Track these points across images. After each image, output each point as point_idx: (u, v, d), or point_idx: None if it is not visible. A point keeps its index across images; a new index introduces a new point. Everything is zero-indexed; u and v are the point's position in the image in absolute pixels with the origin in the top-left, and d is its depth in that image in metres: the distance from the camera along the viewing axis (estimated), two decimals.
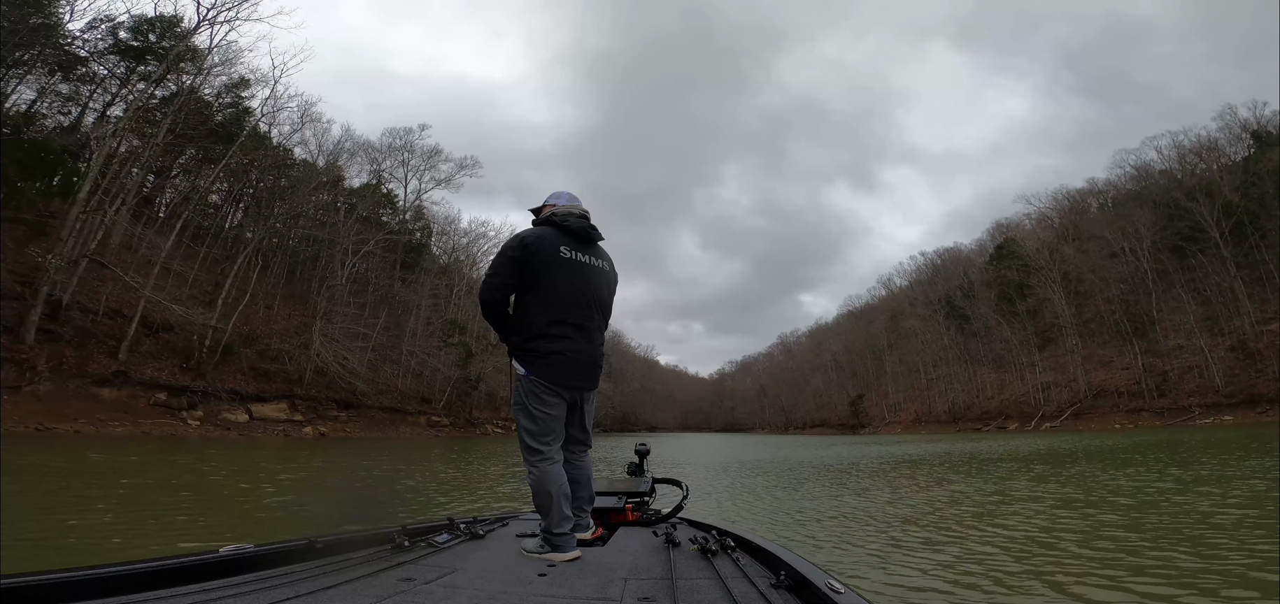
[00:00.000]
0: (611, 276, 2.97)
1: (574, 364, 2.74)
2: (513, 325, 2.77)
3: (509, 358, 2.79)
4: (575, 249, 2.78)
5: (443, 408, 53.15)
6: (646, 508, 3.85)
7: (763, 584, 2.00)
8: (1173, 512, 7.61)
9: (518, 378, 2.73)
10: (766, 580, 2.07)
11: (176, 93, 34.36)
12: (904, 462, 18.80)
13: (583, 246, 2.82)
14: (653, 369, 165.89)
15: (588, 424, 2.97)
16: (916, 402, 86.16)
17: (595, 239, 2.89)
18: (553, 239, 2.75)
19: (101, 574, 1.69)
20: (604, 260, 2.93)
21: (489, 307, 2.78)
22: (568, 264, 2.74)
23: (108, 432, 21.75)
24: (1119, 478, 11.73)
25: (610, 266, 2.97)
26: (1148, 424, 49.28)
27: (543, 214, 2.93)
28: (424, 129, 58.49)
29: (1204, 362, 51.25)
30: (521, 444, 2.75)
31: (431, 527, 2.93)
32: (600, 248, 2.94)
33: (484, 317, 2.84)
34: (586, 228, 2.84)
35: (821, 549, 6.13)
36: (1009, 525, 7.07)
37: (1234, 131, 56.29)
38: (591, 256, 2.85)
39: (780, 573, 2.09)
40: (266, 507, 8.36)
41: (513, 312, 2.79)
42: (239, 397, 32.09)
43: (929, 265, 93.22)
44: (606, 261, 2.95)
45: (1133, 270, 59.15)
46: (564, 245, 2.75)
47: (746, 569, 2.23)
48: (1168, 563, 4.97)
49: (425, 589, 1.97)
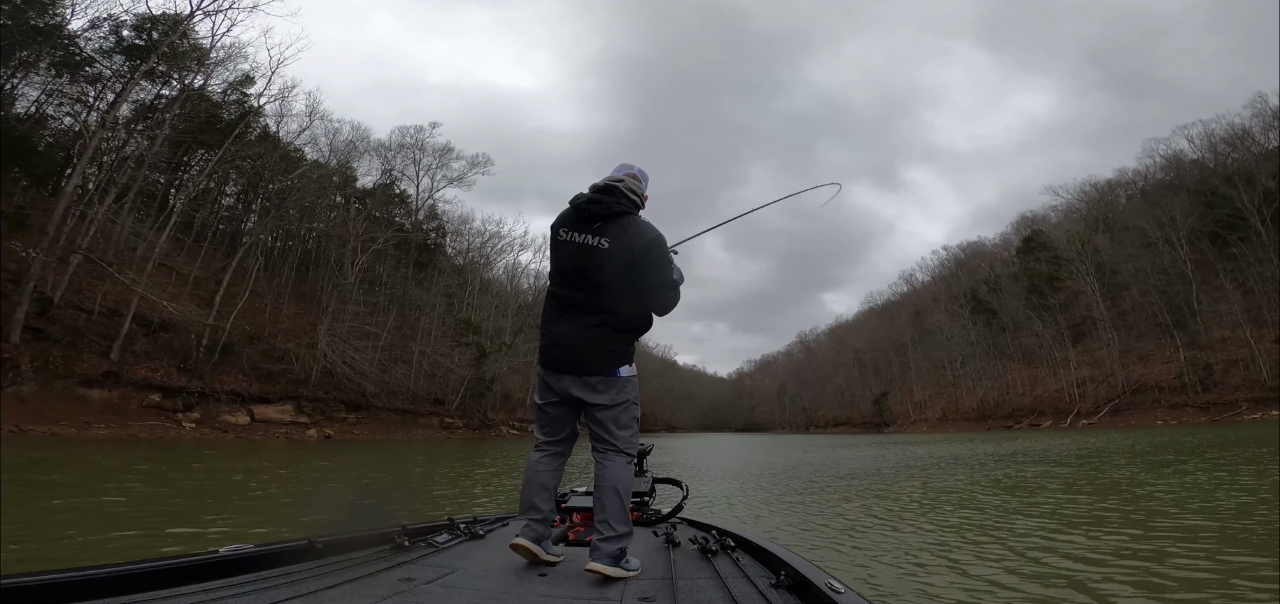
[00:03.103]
0: (615, 254, 2.55)
1: (551, 349, 2.60)
2: None
3: None
4: (572, 230, 2.59)
5: (456, 409, 52.14)
6: (646, 508, 3.79)
7: (763, 584, 2.03)
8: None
9: None
10: (767, 580, 2.09)
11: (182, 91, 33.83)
12: (996, 470, 17.12)
13: (581, 225, 2.58)
14: (671, 369, 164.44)
15: (605, 420, 2.57)
16: (943, 399, 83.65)
17: (595, 216, 2.58)
18: (558, 222, 2.66)
19: (102, 574, 1.70)
20: (608, 237, 2.57)
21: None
22: (563, 246, 2.61)
23: (89, 435, 20.79)
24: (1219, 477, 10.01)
25: (619, 242, 2.55)
26: (1192, 420, 46.76)
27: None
28: (435, 127, 57.74)
29: (1249, 354, 48.66)
30: None
31: (431, 527, 2.99)
32: (613, 224, 2.57)
33: None
34: (587, 203, 2.59)
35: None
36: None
37: (1267, 120, 54.13)
38: (589, 236, 2.57)
39: (780, 573, 2.10)
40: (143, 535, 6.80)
41: None
42: (240, 398, 31.17)
43: (952, 260, 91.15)
44: (612, 238, 2.56)
45: (1170, 261, 56.65)
46: (564, 227, 2.62)
47: (747, 569, 2.26)
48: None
49: (425, 589, 2.00)
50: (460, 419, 51.55)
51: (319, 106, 44.34)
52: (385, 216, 51.83)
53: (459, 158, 57.22)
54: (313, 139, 46.72)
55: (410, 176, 56.72)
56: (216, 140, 35.02)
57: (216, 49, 34.45)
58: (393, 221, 52.74)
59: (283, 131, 44.03)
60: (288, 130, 44.10)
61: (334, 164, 49.14)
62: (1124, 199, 67.63)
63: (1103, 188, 70.45)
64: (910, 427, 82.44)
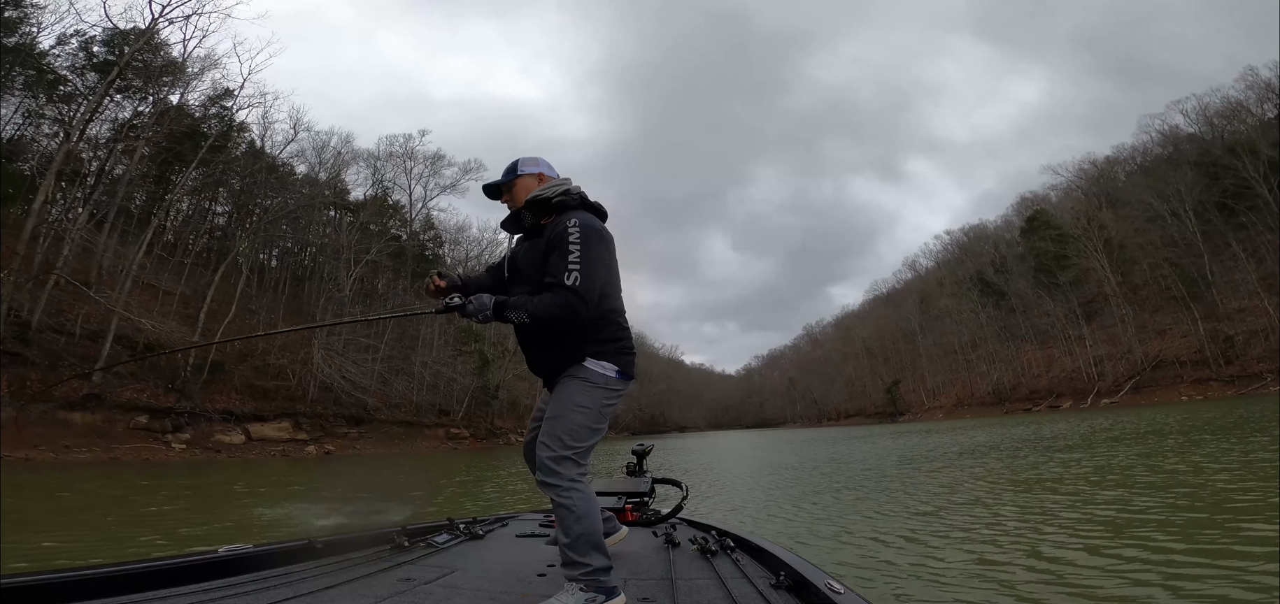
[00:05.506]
0: (539, 248, 2.30)
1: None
2: None
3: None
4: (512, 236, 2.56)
5: (462, 419, 51.06)
6: (646, 508, 3.77)
7: (762, 584, 2.04)
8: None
9: None
10: (766, 581, 2.10)
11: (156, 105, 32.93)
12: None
13: (513, 227, 2.51)
14: (679, 369, 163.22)
15: (553, 411, 2.26)
16: (957, 384, 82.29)
17: (519, 224, 2.45)
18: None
19: (102, 574, 1.71)
20: (536, 236, 2.36)
21: None
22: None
23: (69, 459, 19.77)
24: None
25: (546, 238, 2.27)
26: (1218, 394, 45.34)
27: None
28: (424, 135, 56.97)
29: (1270, 324, 47.24)
30: None
31: (431, 527, 3.01)
32: (547, 223, 2.33)
33: None
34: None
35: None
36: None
37: (1261, 91, 53.42)
38: (522, 238, 2.47)
39: (780, 573, 2.10)
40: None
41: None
42: (234, 417, 30.10)
43: (955, 244, 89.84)
44: (539, 235, 2.33)
45: (1178, 233, 55.52)
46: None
47: (746, 569, 2.27)
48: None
49: (425, 589, 2.01)
50: (466, 429, 50.44)
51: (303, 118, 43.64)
52: (379, 228, 50.83)
53: (451, 165, 56.22)
54: (300, 151, 45.90)
55: (402, 186, 55.79)
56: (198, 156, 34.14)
57: (190, 61, 33.61)
58: (387, 232, 51.75)
59: (268, 144, 43.31)
60: (273, 143, 43.36)
61: (323, 178, 48.22)
62: (1123, 176, 66.89)
63: (1101, 165, 69.64)
64: (925, 414, 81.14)
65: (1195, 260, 54.37)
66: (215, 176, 38.20)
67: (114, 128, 32.55)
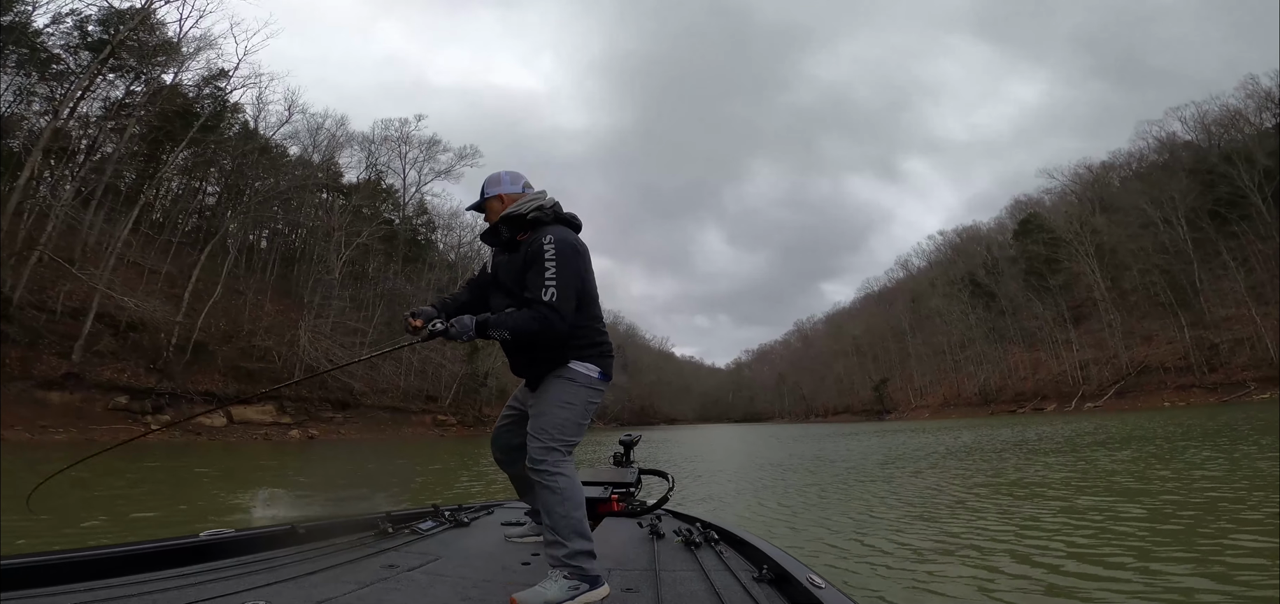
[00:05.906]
0: (516, 262, 2.44)
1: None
2: None
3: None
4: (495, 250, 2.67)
5: (449, 406, 50.90)
6: (632, 499, 3.72)
7: (745, 577, 2.06)
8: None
9: None
10: (749, 573, 2.11)
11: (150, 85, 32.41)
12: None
13: (493, 241, 2.65)
14: (669, 361, 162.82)
15: (539, 409, 2.38)
16: (944, 384, 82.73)
17: (497, 238, 2.59)
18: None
19: (86, 557, 1.70)
20: (514, 250, 2.50)
21: None
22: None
23: (46, 439, 19.49)
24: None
25: (522, 253, 2.42)
26: (1200, 401, 45.74)
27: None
28: (420, 120, 56.31)
29: (1255, 333, 47.73)
30: None
31: (416, 513, 3.01)
32: (524, 239, 2.46)
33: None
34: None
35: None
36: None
37: (1260, 100, 53.57)
38: (499, 252, 2.62)
39: (763, 566, 2.11)
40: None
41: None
42: (216, 399, 29.78)
43: (948, 245, 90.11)
44: (516, 250, 2.48)
45: (1170, 239, 55.76)
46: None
47: (729, 562, 2.29)
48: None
49: (408, 576, 1.99)
50: (454, 416, 50.33)
51: (298, 100, 43.11)
52: (372, 211, 50.40)
53: (446, 150, 55.75)
54: (294, 133, 45.39)
55: (396, 170, 55.33)
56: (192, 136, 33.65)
57: (186, 41, 33.10)
58: (379, 215, 51.33)
59: (262, 125, 42.82)
60: (267, 124, 42.88)
61: (317, 161, 47.71)
62: (1117, 182, 67.06)
63: (1096, 170, 69.92)
64: (911, 413, 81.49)
65: (1185, 268, 54.67)
66: (206, 156, 37.59)
67: (105, 106, 32.01)
